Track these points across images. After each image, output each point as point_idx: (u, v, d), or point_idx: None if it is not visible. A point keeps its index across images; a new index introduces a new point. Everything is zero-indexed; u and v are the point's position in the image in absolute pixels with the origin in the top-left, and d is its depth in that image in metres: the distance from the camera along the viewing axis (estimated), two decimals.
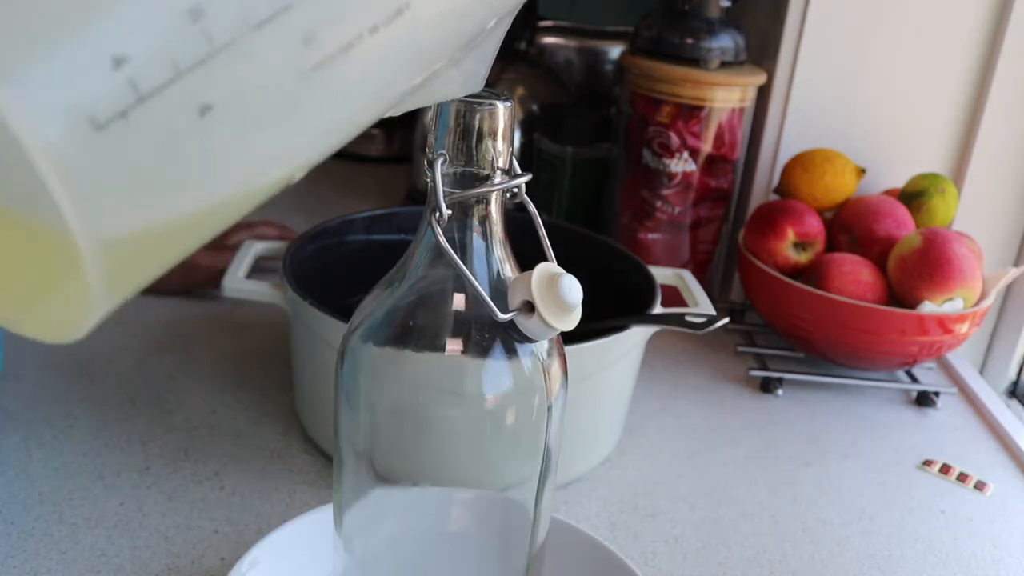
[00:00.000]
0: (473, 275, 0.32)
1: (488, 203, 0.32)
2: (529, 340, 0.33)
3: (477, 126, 0.31)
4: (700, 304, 0.63)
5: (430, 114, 0.32)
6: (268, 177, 0.19)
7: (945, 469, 0.65)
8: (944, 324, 0.68)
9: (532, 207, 0.34)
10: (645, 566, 0.52)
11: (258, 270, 0.66)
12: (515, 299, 0.32)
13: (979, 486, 0.63)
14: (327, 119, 0.20)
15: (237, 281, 0.61)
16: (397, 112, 0.27)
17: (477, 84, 0.31)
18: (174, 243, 0.18)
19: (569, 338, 0.39)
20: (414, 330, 0.34)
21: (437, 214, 0.31)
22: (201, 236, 0.18)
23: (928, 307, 0.68)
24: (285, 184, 0.20)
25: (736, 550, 0.55)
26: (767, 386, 0.73)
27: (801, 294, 0.71)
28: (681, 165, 0.81)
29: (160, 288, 0.78)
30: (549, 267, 0.32)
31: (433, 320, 0.33)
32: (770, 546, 0.55)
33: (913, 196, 0.76)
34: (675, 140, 0.80)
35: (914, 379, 0.76)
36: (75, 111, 0.15)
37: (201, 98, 0.16)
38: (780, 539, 0.56)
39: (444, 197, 0.31)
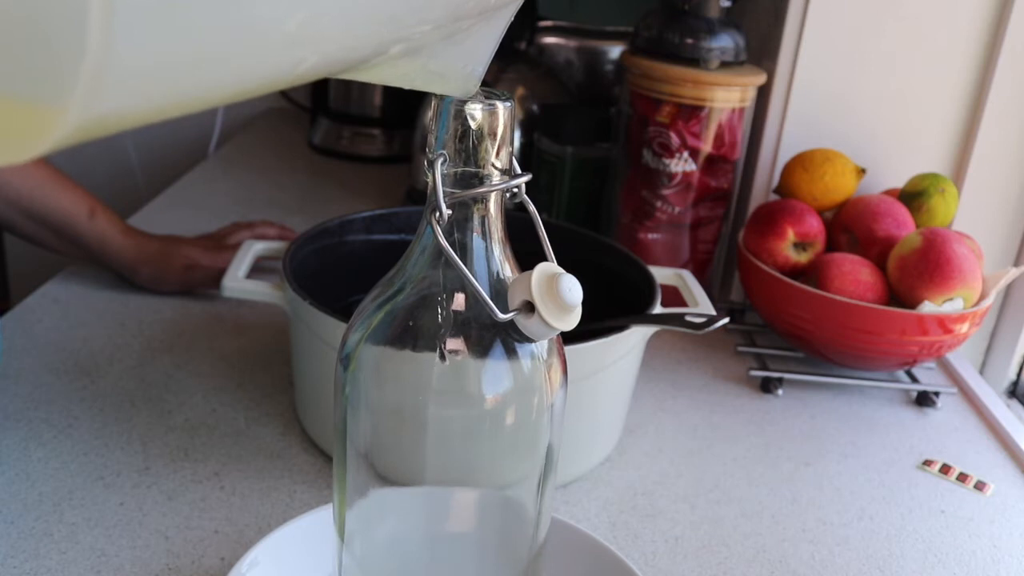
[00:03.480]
0: (473, 275, 0.32)
1: (488, 203, 0.32)
2: (529, 340, 0.33)
3: (477, 126, 0.31)
4: (700, 304, 0.63)
5: (430, 114, 0.32)
6: (275, 56, 0.18)
7: (945, 469, 0.65)
8: (944, 324, 0.68)
9: (532, 207, 0.34)
10: (645, 566, 0.52)
11: (258, 270, 0.66)
12: (515, 299, 0.32)
13: (979, 486, 0.63)
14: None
15: (237, 281, 0.61)
16: (394, 83, 0.26)
17: (475, 83, 0.31)
18: (158, 114, 0.16)
19: (569, 338, 0.39)
20: (414, 330, 0.34)
21: (437, 214, 0.31)
22: (191, 109, 0.17)
23: (928, 307, 0.68)
24: (283, 80, 0.19)
25: (736, 550, 0.55)
26: (767, 386, 0.73)
27: (801, 294, 0.71)
28: (681, 165, 0.81)
29: (160, 288, 0.78)
30: (549, 267, 0.32)
31: (433, 320, 0.33)
32: (770, 546, 0.55)
33: (913, 196, 0.76)
34: (675, 140, 0.80)
35: (914, 379, 0.76)
36: None
37: None
38: (780, 539, 0.56)
39: (444, 197, 0.31)
